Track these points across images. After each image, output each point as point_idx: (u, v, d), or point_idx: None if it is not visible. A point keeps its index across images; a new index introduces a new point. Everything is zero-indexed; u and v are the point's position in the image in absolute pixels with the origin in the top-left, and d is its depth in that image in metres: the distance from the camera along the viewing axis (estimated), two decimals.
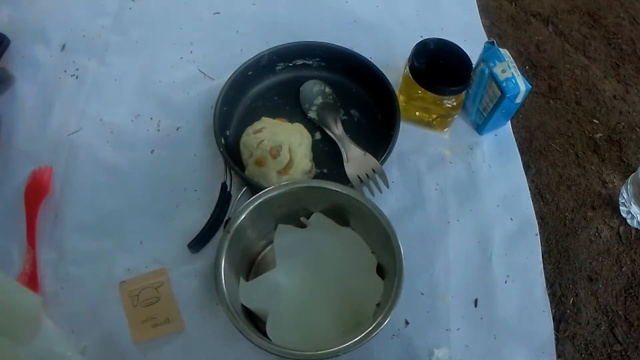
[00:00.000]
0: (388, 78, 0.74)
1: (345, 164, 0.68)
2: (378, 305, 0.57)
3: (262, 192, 0.59)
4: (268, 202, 0.59)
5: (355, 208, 0.60)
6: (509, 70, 0.68)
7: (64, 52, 0.82)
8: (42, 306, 0.61)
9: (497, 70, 0.69)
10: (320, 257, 0.62)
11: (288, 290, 0.60)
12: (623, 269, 0.69)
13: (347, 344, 0.51)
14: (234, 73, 0.73)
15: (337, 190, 0.60)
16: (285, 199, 0.60)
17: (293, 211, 0.63)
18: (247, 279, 0.62)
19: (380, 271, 0.61)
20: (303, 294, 0.60)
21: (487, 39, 0.83)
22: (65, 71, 0.80)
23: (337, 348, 0.51)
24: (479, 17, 0.89)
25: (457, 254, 0.67)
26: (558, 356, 0.62)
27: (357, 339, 0.51)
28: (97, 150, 0.73)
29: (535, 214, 0.71)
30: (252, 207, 0.58)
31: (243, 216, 0.58)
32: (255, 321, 0.59)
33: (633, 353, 0.64)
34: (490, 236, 0.69)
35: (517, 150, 0.76)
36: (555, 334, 0.63)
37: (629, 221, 0.72)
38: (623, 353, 0.64)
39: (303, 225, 0.64)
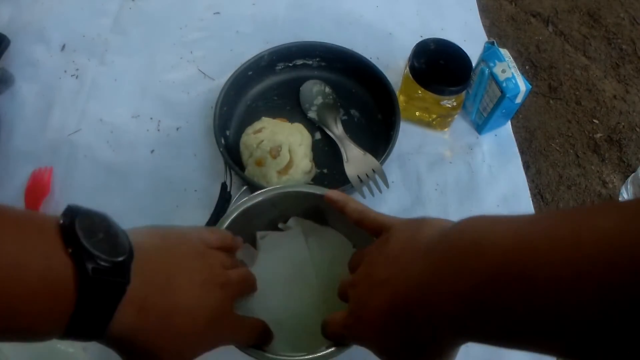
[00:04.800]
0: (388, 78, 0.74)
1: (345, 164, 0.68)
2: None
3: (239, 203, 0.55)
4: (244, 213, 0.55)
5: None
6: (509, 70, 0.68)
7: (64, 52, 0.82)
8: None
9: (497, 70, 0.69)
10: (302, 258, 0.58)
11: (272, 296, 0.56)
12: None
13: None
14: (234, 73, 0.73)
15: (310, 192, 0.56)
16: (260, 208, 0.56)
17: (272, 219, 0.60)
18: None
19: None
20: (290, 298, 0.56)
21: (487, 39, 0.83)
22: (65, 71, 0.80)
23: (330, 350, 0.47)
24: (479, 17, 0.89)
25: None
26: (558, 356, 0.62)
27: None
28: (97, 150, 0.73)
29: (536, 214, 0.70)
30: (228, 220, 0.54)
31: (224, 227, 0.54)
32: None
33: None
34: None
35: (517, 150, 0.75)
36: None
37: None
38: None
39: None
